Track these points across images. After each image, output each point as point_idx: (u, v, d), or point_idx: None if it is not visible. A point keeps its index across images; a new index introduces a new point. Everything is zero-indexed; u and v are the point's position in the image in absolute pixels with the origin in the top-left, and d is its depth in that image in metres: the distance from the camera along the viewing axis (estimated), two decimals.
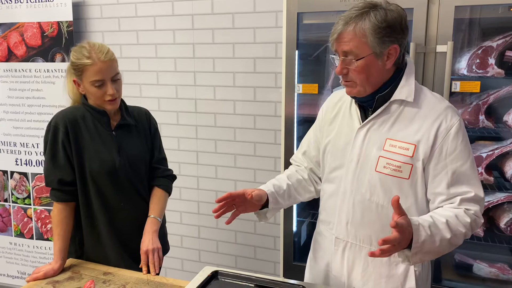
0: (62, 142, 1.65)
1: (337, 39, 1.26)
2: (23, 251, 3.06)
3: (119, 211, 1.73)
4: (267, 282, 1.39)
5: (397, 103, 1.32)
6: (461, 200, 1.26)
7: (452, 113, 1.30)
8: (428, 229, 1.17)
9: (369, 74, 1.27)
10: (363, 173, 1.34)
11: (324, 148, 1.48)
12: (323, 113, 1.54)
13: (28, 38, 2.82)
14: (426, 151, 1.27)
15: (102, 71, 1.59)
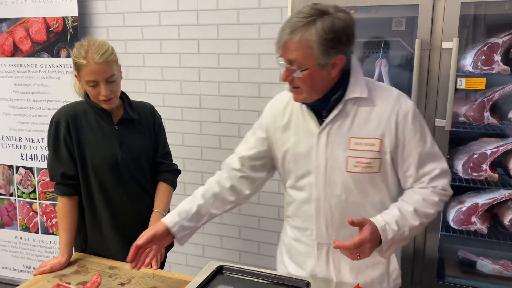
0: (64, 137, 1.67)
1: (283, 47, 1.23)
2: (28, 245, 3.08)
3: (121, 205, 1.74)
4: (272, 277, 1.40)
5: (351, 101, 1.32)
6: (429, 180, 1.33)
7: (404, 99, 1.34)
8: (395, 224, 1.24)
9: (314, 83, 1.26)
10: (335, 176, 1.34)
11: (283, 157, 1.43)
12: (270, 120, 1.46)
13: (34, 33, 2.82)
14: (391, 142, 1.31)
15: (96, 72, 1.58)
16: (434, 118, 2.05)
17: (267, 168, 1.52)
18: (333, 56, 1.23)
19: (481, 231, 2.18)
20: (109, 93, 1.61)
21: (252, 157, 1.49)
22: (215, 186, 1.49)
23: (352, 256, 1.21)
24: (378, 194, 1.35)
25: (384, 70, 2.32)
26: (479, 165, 2.14)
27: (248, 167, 1.49)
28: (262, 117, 1.50)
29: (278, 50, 1.26)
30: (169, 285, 1.48)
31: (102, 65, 1.58)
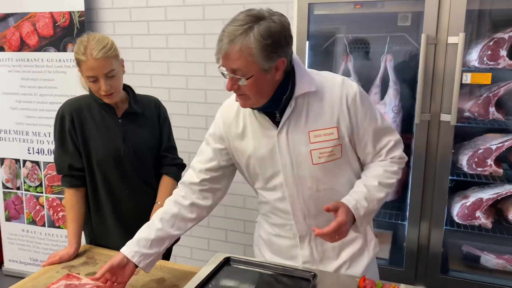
0: (68, 130, 1.69)
1: (223, 57, 1.22)
2: (35, 238, 3.11)
3: (124, 199, 1.76)
4: (279, 269, 1.42)
5: (301, 97, 1.34)
6: (386, 152, 1.43)
7: (349, 83, 1.38)
8: (364, 201, 1.33)
9: (260, 89, 1.26)
10: (303, 171, 1.37)
11: (247, 163, 1.44)
12: (224, 129, 1.45)
13: (40, 28, 2.84)
14: (347, 127, 1.36)
15: (94, 68, 1.58)
16: (439, 113, 2.06)
17: (227, 176, 1.51)
18: (275, 59, 1.23)
19: (485, 226, 2.19)
20: (109, 88, 1.62)
21: (212, 169, 1.46)
22: (173, 207, 1.46)
23: (332, 239, 1.27)
24: (344, 176, 1.42)
25: (389, 65, 2.32)
26: (484, 160, 2.15)
27: (209, 180, 1.47)
28: (215, 128, 1.48)
29: (219, 61, 1.24)
30: (176, 276, 1.50)
31: (100, 60, 1.58)
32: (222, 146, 1.46)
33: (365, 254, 1.51)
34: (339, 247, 1.48)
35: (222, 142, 1.46)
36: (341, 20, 2.41)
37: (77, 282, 1.30)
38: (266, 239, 1.58)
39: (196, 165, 1.49)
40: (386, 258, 2.36)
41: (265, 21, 1.20)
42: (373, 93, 2.36)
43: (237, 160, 1.47)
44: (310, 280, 1.34)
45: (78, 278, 1.33)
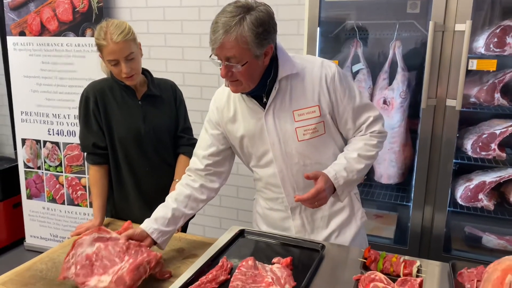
0: (93, 111, 1.80)
1: (219, 47, 1.30)
2: (55, 215, 3.26)
3: (145, 175, 1.88)
4: (290, 240, 1.53)
5: (284, 79, 1.45)
6: (366, 127, 1.53)
7: (328, 64, 1.49)
8: (344, 171, 1.44)
9: (252, 74, 1.38)
10: (290, 148, 1.50)
11: (240, 144, 1.56)
12: (217, 115, 1.57)
13: (60, 14, 2.94)
14: (327, 104, 1.48)
15: (115, 52, 1.68)
16: (445, 98, 2.13)
17: (227, 159, 1.64)
18: (266, 46, 1.35)
19: (487, 208, 2.27)
20: (130, 70, 1.72)
21: (213, 154, 1.59)
22: (185, 189, 1.58)
23: (312, 205, 1.40)
24: (329, 150, 1.54)
25: (398, 52, 2.39)
26: (488, 144, 2.22)
27: (212, 164, 1.59)
28: (210, 115, 1.60)
29: (213, 51, 1.33)
30: (194, 246, 1.62)
31: (120, 44, 1.68)
32: (219, 131, 1.59)
33: (352, 223, 1.64)
34: (328, 217, 1.61)
35: (218, 128, 1.58)
36: (351, 7, 2.47)
37: (108, 235, 1.40)
38: (262, 213, 1.71)
39: (199, 152, 1.61)
40: (391, 237, 2.47)
41: (254, 11, 1.31)
42: (382, 79, 2.43)
43: (231, 142, 1.59)
44: (319, 250, 1.45)
45: (109, 232, 1.42)
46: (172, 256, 1.54)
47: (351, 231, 1.64)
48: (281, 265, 1.29)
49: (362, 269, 1.32)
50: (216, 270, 1.30)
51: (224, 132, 1.58)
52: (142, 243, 1.40)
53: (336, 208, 1.60)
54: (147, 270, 1.29)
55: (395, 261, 1.32)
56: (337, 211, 1.61)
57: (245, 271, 1.23)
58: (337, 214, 1.62)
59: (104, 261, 1.30)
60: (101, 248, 1.33)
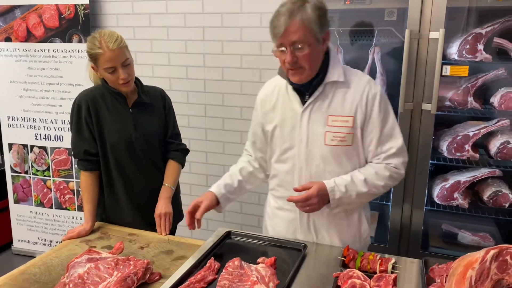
0: (85, 118, 1.85)
1: (284, 33, 1.38)
2: (43, 219, 3.28)
3: (135, 180, 1.93)
4: (274, 241, 1.61)
5: (330, 84, 1.53)
6: (384, 157, 1.56)
7: (373, 84, 1.56)
8: (343, 187, 1.49)
9: (315, 59, 1.46)
10: (315, 149, 1.55)
11: (272, 134, 1.63)
12: (260, 105, 1.68)
13: (46, 20, 2.97)
14: (362, 118, 1.52)
15: (112, 59, 1.74)
16: (421, 103, 2.24)
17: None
18: (325, 30, 1.45)
19: (462, 206, 2.39)
20: (127, 76, 1.78)
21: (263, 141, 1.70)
22: (248, 165, 1.75)
23: (303, 209, 1.48)
24: (350, 164, 1.57)
25: (377, 57, 2.49)
26: (462, 145, 2.34)
27: (260, 151, 1.72)
28: (257, 107, 1.70)
29: (277, 39, 1.41)
30: (184, 248, 1.68)
31: (117, 51, 1.74)
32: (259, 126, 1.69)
33: (356, 244, 1.66)
34: (334, 229, 1.63)
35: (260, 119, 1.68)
36: (333, 13, 2.57)
37: (98, 256, 1.48)
38: (270, 213, 1.77)
39: (249, 140, 1.77)
40: (372, 236, 2.56)
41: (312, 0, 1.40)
42: None
43: (265, 130, 1.66)
44: (301, 250, 1.54)
45: (99, 253, 1.50)
46: (161, 258, 1.60)
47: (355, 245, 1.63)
48: (266, 265, 1.37)
49: (341, 267, 1.41)
50: (204, 271, 1.37)
51: (263, 121, 1.66)
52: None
53: (344, 223, 1.63)
54: (134, 281, 1.35)
55: (372, 258, 1.41)
56: (344, 227, 1.63)
57: (231, 271, 1.30)
58: (343, 229, 1.63)
59: (95, 278, 1.37)
60: (92, 267, 1.40)
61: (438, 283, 1.30)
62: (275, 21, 1.40)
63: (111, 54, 1.73)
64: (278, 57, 1.47)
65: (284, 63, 1.46)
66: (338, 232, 1.64)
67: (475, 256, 0.99)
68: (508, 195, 2.31)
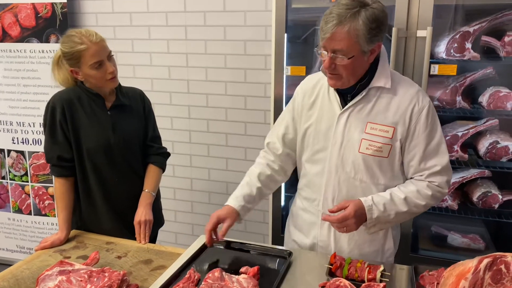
0: (59, 121, 1.75)
1: (330, 38, 1.31)
2: (21, 226, 3.17)
3: (114, 185, 1.85)
4: (258, 248, 1.54)
5: (375, 89, 1.44)
6: (428, 175, 1.45)
7: (423, 96, 1.45)
8: (382, 206, 1.41)
9: (355, 70, 1.38)
10: (347, 154, 1.47)
11: (305, 132, 1.56)
12: (300, 97, 1.59)
13: (22, 19, 2.86)
14: (403, 131, 1.43)
15: (98, 52, 1.67)
16: None
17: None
18: (375, 43, 1.35)
19: (452, 208, 2.34)
20: (114, 69, 1.72)
21: (294, 138, 1.62)
22: (266, 168, 1.64)
23: (339, 229, 1.39)
24: (383, 177, 1.48)
25: None
26: (451, 146, 2.29)
27: (288, 145, 1.64)
28: (295, 97, 1.62)
29: (323, 41, 1.33)
30: (163, 258, 1.60)
31: (100, 43, 1.68)
32: (295, 114, 1.60)
33: (377, 259, 1.57)
34: (356, 241, 1.54)
35: (296, 110, 1.59)
36: (319, 12, 2.50)
37: (71, 268, 1.38)
38: (295, 213, 1.70)
39: (279, 130, 1.64)
40: None
41: (370, 7, 1.31)
42: None
43: (300, 127, 1.59)
44: (286, 257, 1.47)
45: (71, 265, 1.41)
46: (139, 268, 1.52)
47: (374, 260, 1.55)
48: (248, 275, 1.29)
49: (328, 275, 1.34)
50: (183, 282, 1.29)
51: (298, 116, 1.59)
52: None
53: (367, 238, 1.54)
54: None
55: (360, 266, 1.35)
56: (367, 241, 1.55)
57: (211, 283, 1.23)
58: (365, 243, 1.55)
59: None
60: (63, 280, 1.31)
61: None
62: (324, 22, 1.32)
63: (96, 47, 1.66)
64: (320, 56, 1.40)
65: (323, 64, 1.39)
66: (359, 246, 1.55)
67: (468, 265, 0.92)
68: (497, 196, 2.28)
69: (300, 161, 1.64)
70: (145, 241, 1.73)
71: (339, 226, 1.38)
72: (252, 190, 1.58)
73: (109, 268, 1.39)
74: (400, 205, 1.43)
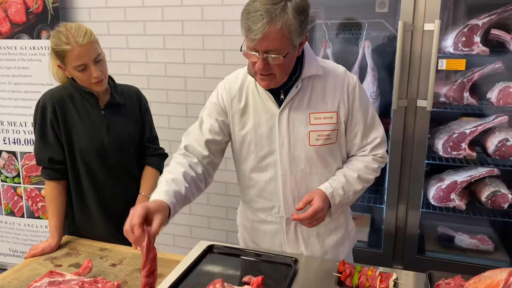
0: (50, 122, 1.65)
1: (262, 38, 1.18)
2: (14, 229, 3.07)
3: (108, 189, 1.75)
4: (261, 255, 1.45)
5: (307, 79, 1.38)
6: (371, 149, 1.47)
7: (350, 74, 1.44)
8: (341, 190, 1.38)
9: (289, 66, 1.31)
10: (299, 151, 1.40)
11: (242, 140, 1.45)
12: (226, 100, 1.44)
13: (12, 15, 2.75)
14: (345, 112, 1.41)
15: (82, 55, 1.56)
16: (416, 99, 2.10)
17: (222, 153, 1.51)
18: (304, 35, 1.27)
19: (459, 208, 2.27)
20: (99, 74, 1.60)
21: (218, 142, 1.46)
22: (189, 169, 1.36)
23: (310, 225, 1.32)
24: (335, 163, 1.46)
25: (367, 52, 2.35)
26: (459, 144, 2.22)
27: (213, 152, 1.45)
28: (218, 99, 1.46)
29: (253, 43, 1.20)
30: (160, 265, 1.50)
31: (87, 46, 1.56)
32: (227, 120, 1.46)
33: (346, 243, 1.57)
34: (323, 235, 1.51)
35: (226, 117, 1.46)
36: (320, 5, 2.42)
37: (61, 278, 1.30)
38: (250, 227, 1.59)
39: (204, 135, 1.44)
40: (365, 240, 2.43)
41: None
42: None
43: (233, 135, 1.47)
44: (291, 265, 1.38)
45: (62, 275, 1.32)
46: (135, 277, 1.43)
47: (345, 251, 1.57)
48: (252, 287, 1.20)
49: (337, 285, 1.26)
50: None
51: (230, 123, 1.46)
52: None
53: (332, 226, 1.51)
54: None
55: (371, 274, 1.26)
56: (333, 230, 1.53)
57: None
58: (332, 233, 1.53)
59: None
60: None
61: None
62: (251, 21, 1.17)
63: (81, 50, 1.55)
64: (247, 58, 1.27)
65: (253, 66, 1.27)
66: (328, 238, 1.52)
67: (496, 278, 0.84)
68: (507, 195, 2.20)
69: (242, 173, 1.51)
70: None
71: (310, 222, 1.30)
72: (181, 188, 1.28)
73: (102, 278, 1.30)
74: (355, 185, 1.42)
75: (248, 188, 1.53)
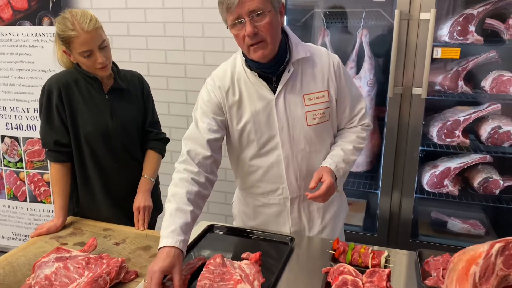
0: (56, 105, 1.70)
1: (238, 4, 1.25)
2: (17, 213, 3.12)
3: (112, 171, 1.81)
4: (259, 234, 1.51)
5: (296, 63, 1.45)
6: (359, 119, 1.58)
7: (332, 54, 1.54)
8: (342, 163, 1.49)
9: (276, 30, 1.35)
10: (298, 132, 1.48)
11: (241, 130, 1.48)
12: (219, 95, 1.46)
13: (14, 1, 2.78)
14: (335, 90, 1.50)
15: (88, 41, 1.59)
16: (411, 87, 2.15)
17: (220, 148, 1.52)
18: (281, 3, 1.36)
19: (452, 193, 2.33)
20: (104, 60, 1.64)
21: (218, 139, 1.47)
22: (192, 185, 1.36)
23: (324, 200, 1.41)
24: (329, 138, 1.56)
25: (364, 40, 2.39)
26: (453, 131, 2.27)
27: (215, 150, 1.45)
28: (212, 98, 1.47)
29: (232, 11, 1.27)
30: None
31: (92, 32, 1.59)
32: (223, 116, 1.48)
33: (341, 215, 1.68)
34: (323, 207, 1.60)
35: (221, 112, 1.48)
36: None
37: (68, 254, 1.35)
38: (252, 213, 1.64)
39: (203, 135, 1.43)
40: (360, 225, 2.50)
41: None
42: (349, 68, 2.43)
43: (231, 128, 1.50)
44: (288, 243, 1.44)
45: (68, 251, 1.38)
46: (138, 255, 1.49)
47: (340, 223, 1.68)
48: (250, 261, 1.27)
49: (331, 261, 1.32)
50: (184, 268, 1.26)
51: (227, 118, 1.49)
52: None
53: (330, 199, 1.50)
54: (107, 282, 1.23)
55: (364, 252, 1.32)
56: (330, 203, 1.60)
57: (212, 269, 1.20)
58: (330, 206, 1.62)
59: (63, 279, 1.24)
60: (60, 267, 1.28)
61: (434, 277, 1.22)
62: None
63: (86, 37, 1.58)
64: (235, 34, 1.32)
65: (244, 40, 1.32)
66: (326, 209, 1.61)
67: (478, 250, 0.90)
68: (498, 181, 2.26)
69: (241, 161, 1.55)
70: (144, 227, 1.69)
71: (325, 198, 1.39)
72: (186, 216, 1.28)
73: (107, 255, 1.36)
74: (351, 155, 1.52)
75: (248, 174, 1.57)
